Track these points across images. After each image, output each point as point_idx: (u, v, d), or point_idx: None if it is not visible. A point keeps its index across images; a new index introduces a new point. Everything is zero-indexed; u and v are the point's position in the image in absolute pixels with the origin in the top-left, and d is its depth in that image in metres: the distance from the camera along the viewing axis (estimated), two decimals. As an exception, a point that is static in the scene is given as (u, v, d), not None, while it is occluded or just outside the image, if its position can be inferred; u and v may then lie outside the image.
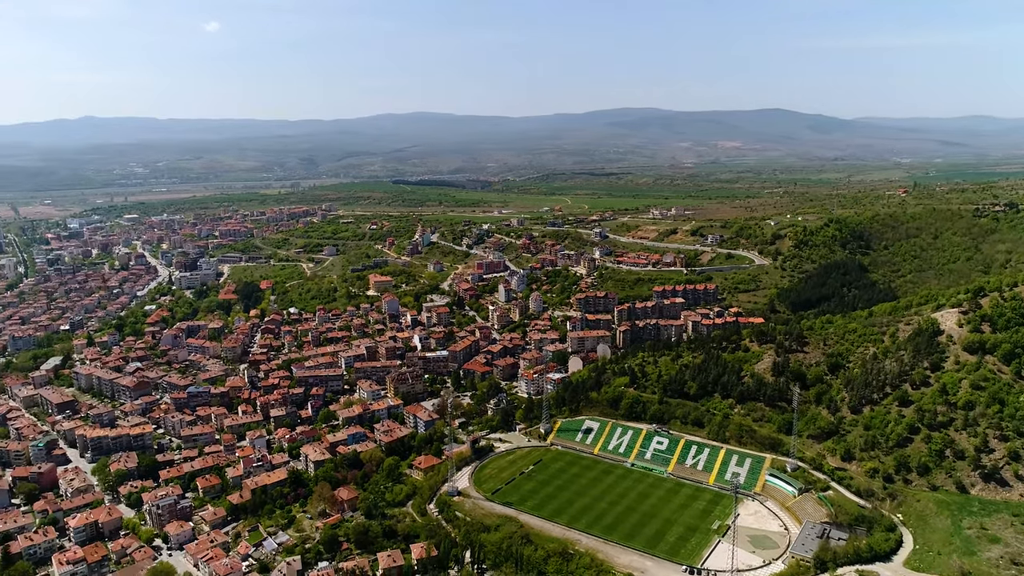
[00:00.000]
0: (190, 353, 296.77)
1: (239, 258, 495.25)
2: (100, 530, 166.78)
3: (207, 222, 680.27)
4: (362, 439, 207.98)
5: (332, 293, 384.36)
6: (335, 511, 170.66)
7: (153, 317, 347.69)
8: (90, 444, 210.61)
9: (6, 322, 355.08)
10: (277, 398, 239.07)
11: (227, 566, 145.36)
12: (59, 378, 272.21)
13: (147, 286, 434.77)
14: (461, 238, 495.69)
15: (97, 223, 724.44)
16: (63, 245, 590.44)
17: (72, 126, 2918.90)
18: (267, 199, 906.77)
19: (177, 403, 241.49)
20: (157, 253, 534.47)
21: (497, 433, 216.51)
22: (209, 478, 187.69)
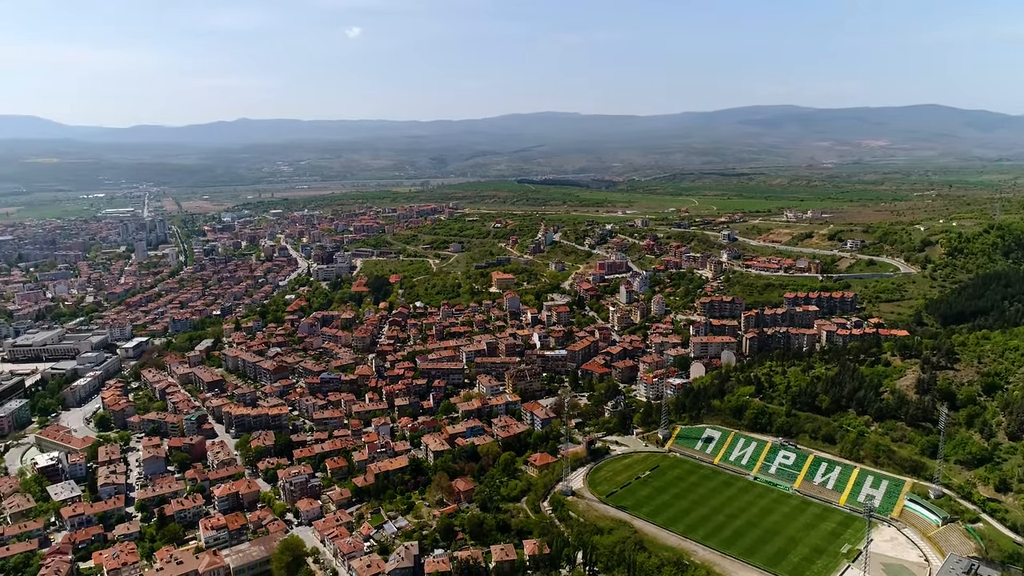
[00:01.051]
0: (324, 341, 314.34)
1: (371, 253, 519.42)
2: (240, 501, 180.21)
3: (343, 218, 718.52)
4: (480, 433, 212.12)
5: (456, 289, 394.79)
6: (452, 501, 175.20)
7: (292, 306, 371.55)
8: (234, 421, 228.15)
9: (167, 306, 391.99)
10: (401, 388, 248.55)
11: (350, 545, 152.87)
12: (210, 359, 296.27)
13: (288, 277, 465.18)
14: (584, 238, 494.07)
15: (247, 217, 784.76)
16: (217, 237, 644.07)
17: (229, 128, 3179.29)
18: (398, 197, 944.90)
19: (311, 387, 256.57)
20: (298, 246, 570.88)
21: (613, 436, 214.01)
22: (337, 460, 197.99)
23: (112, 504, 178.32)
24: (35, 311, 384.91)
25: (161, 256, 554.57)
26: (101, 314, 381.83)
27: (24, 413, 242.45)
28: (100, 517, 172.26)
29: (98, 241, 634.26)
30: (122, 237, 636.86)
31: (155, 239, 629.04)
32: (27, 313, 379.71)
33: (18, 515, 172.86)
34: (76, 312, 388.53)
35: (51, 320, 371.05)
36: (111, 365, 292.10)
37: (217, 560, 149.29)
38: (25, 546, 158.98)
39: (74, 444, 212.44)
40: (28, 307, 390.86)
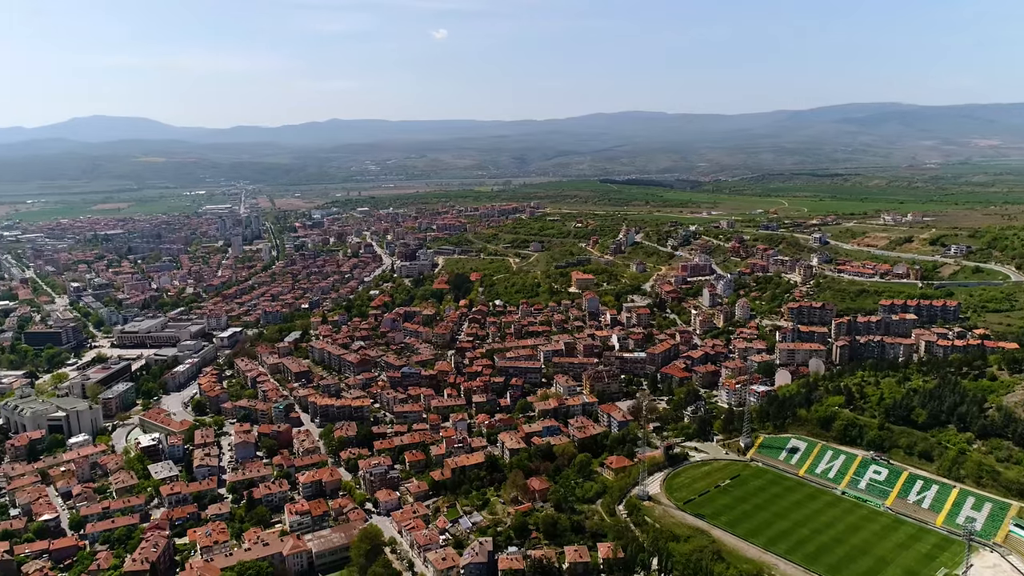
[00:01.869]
0: (406, 336, 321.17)
1: (452, 251, 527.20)
2: (323, 488, 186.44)
3: (426, 216, 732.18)
4: (556, 432, 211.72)
5: (535, 288, 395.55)
6: (526, 499, 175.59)
7: (376, 301, 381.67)
8: (319, 411, 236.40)
9: (260, 298, 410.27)
10: (479, 385, 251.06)
11: (426, 537, 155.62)
12: (298, 350, 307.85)
13: (373, 273, 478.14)
14: (666, 239, 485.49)
15: (335, 214, 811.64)
16: (307, 233, 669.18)
17: (321, 128, 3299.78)
18: (480, 196, 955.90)
19: (392, 381, 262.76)
20: (383, 243, 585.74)
21: (692, 442, 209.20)
22: (415, 453, 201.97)
23: (206, 485, 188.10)
24: (141, 300, 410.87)
25: (255, 251, 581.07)
26: (200, 305, 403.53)
27: (130, 395, 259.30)
28: (195, 496, 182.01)
29: (199, 236, 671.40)
30: (220, 232, 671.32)
31: (250, 235, 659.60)
32: (134, 302, 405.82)
33: (122, 490, 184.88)
34: (177, 302, 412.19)
35: (155, 309, 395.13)
36: (207, 353, 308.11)
37: (300, 544, 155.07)
38: (128, 520, 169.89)
39: (173, 427, 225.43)
40: (136, 296, 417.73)
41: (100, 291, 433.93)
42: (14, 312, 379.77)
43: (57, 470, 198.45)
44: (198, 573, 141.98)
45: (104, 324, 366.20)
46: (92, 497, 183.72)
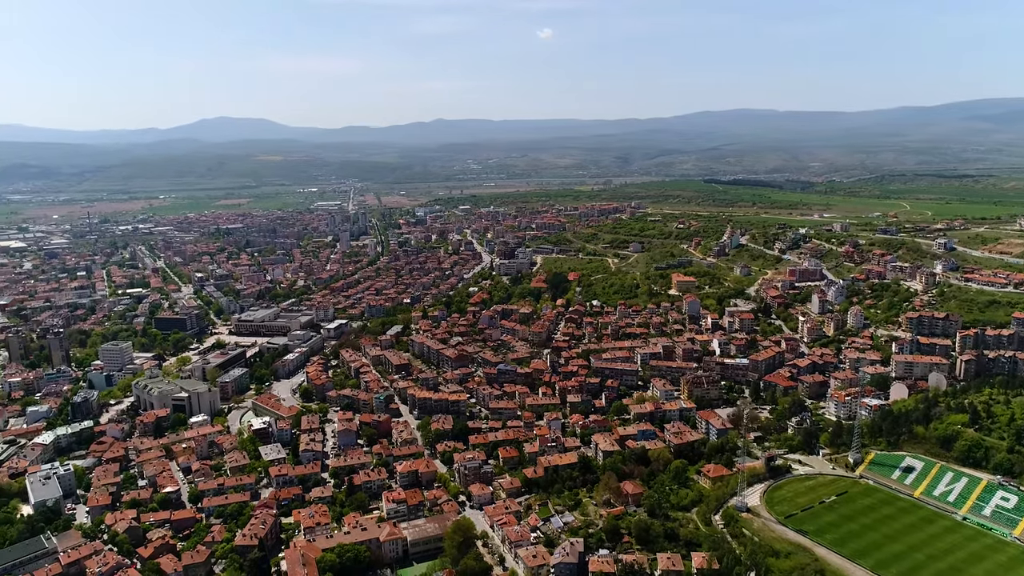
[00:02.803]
0: (502, 334, 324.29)
1: (551, 250, 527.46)
2: (419, 479, 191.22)
3: (526, 215, 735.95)
4: (651, 437, 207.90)
5: (634, 289, 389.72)
6: (619, 503, 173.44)
7: (475, 298, 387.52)
8: (417, 403, 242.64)
9: (365, 292, 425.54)
10: (574, 385, 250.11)
11: (518, 533, 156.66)
12: (399, 343, 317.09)
13: (472, 270, 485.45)
14: (773, 242, 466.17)
15: (438, 212, 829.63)
16: (411, 230, 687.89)
17: (427, 128, 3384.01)
18: (580, 195, 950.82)
19: (488, 378, 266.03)
20: (483, 241, 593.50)
21: (796, 454, 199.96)
22: (509, 450, 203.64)
23: (310, 469, 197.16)
24: (257, 291, 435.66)
25: (362, 246, 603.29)
26: (309, 297, 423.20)
27: (244, 380, 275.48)
28: (300, 479, 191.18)
29: (310, 231, 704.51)
30: (330, 228, 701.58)
31: (357, 231, 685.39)
32: (250, 292, 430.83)
33: (236, 469, 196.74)
34: (289, 294, 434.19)
35: (269, 300, 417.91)
36: (315, 343, 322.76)
37: (396, 531, 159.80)
38: (240, 497, 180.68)
39: (282, 411, 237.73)
40: (252, 287, 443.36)
41: (221, 281, 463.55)
42: (146, 299, 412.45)
43: (179, 446, 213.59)
44: (301, 552, 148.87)
45: (223, 312, 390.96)
46: (209, 473, 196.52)
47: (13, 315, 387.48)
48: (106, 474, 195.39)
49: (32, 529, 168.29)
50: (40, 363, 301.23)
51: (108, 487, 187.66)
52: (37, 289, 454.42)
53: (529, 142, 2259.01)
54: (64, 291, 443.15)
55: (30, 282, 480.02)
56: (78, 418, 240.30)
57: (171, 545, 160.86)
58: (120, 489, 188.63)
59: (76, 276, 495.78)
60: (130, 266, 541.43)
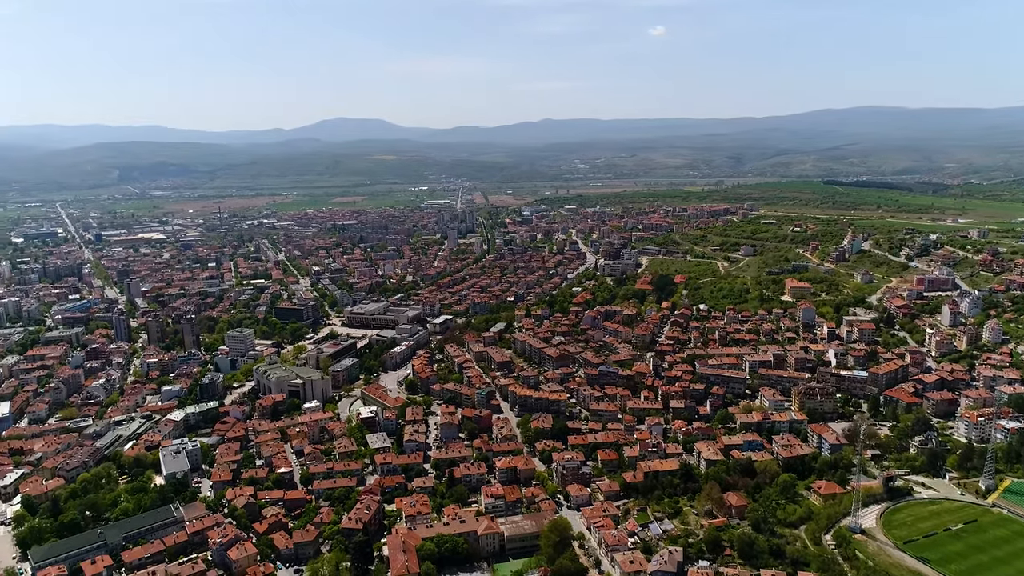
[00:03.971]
0: (605, 335, 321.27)
1: (657, 251, 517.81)
2: (517, 475, 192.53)
3: (632, 215, 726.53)
4: (758, 448, 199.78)
5: (744, 294, 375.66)
6: (721, 514, 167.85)
7: (578, 298, 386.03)
8: (518, 400, 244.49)
9: (470, 289, 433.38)
10: (678, 390, 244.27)
11: (615, 537, 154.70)
12: (502, 340, 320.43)
13: (576, 270, 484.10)
14: (899, 247, 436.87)
15: (543, 211, 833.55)
16: (516, 229, 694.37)
17: (534, 128, 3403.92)
18: (690, 196, 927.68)
19: (589, 378, 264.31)
20: (587, 241, 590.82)
21: (919, 476, 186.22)
22: (608, 452, 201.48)
23: (413, 459, 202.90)
24: (368, 285, 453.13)
25: (468, 244, 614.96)
26: (417, 292, 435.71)
27: (354, 370, 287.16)
28: (403, 468, 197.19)
29: (420, 228, 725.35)
30: (438, 226, 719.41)
31: (464, 228, 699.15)
32: (362, 286, 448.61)
33: (344, 455, 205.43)
34: (398, 288, 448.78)
35: (379, 294, 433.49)
36: (421, 337, 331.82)
37: (493, 526, 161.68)
38: (347, 482, 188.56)
39: (388, 402, 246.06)
40: (364, 281, 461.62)
41: (335, 275, 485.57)
42: (268, 290, 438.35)
43: (293, 430, 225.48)
44: (402, 539, 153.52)
45: (337, 305, 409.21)
46: (319, 457, 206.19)
47: (153, 301, 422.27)
48: (228, 452, 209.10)
49: (163, 498, 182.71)
50: (174, 346, 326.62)
51: (229, 464, 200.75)
52: (173, 278, 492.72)
53: (638, 141, 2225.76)
54: (196, 280, 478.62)
55: (168, 271, 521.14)
56: (205, 398, 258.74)
57: (283, 523, 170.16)
58: (240, 467, 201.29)
59: (207, 267, 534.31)
60: (254, 258, 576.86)
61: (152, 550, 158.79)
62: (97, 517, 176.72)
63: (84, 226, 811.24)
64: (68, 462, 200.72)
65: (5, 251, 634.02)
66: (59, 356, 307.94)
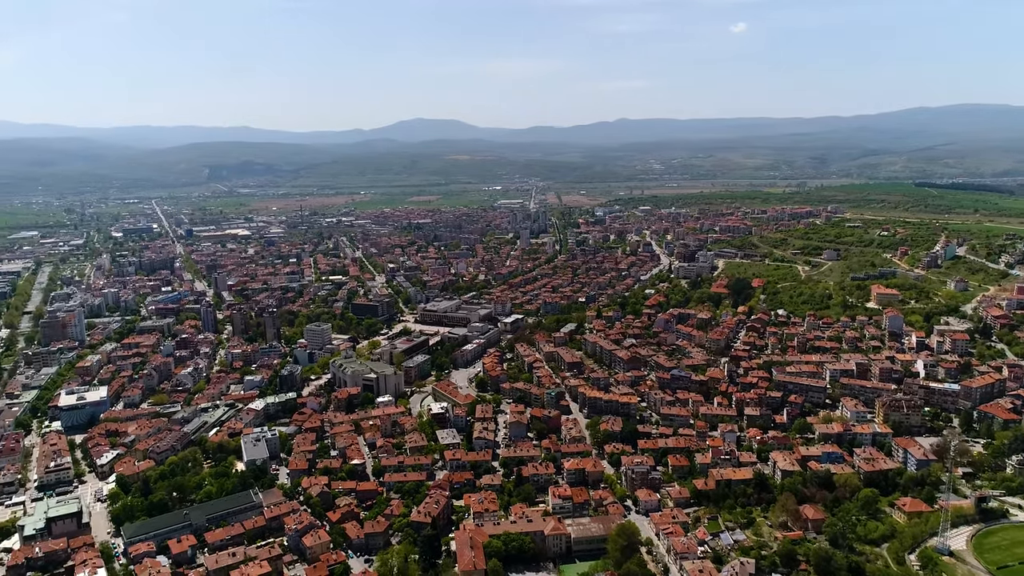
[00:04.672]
0: (678, 339, 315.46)
1: (734, 254, 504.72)
2: (585, 477, 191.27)
3: (709, 217, 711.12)
4: (838, 460, 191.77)
5: (826, 300, 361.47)
6: (797, 527, 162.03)
7: (651, 301, 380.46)
8: (587, 402, 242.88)
9: (541, 289, 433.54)
10: (753, 397, 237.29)
11: (684, 545, 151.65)
12: (572, 341, 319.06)
13: (649, 272, 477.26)
14: (999, 254, 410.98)
15: (617, 212, 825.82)
16: (589, 229, 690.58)
17: (609, 127, 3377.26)
18: (770, 197, 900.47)
19: (661, 382, 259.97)
20: (662, 243, 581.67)
21: (1015, 497, 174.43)
22: (679, 458, 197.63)
23: (482, 456, 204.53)
24: (441, 283, 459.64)
25: (541, 244, 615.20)
26: (489, 291, 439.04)
27: (426, 367, 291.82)
28: (472, 465, 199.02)
29: (492, 228, 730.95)
30: (511, 225, 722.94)
31: (537, 228, 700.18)
32: (435, 284, 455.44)
33: (415, 449, 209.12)
34: (471, 287, 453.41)
35: (452, 292, 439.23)
36: (492, 336, 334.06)
37: (560, 527, 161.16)
38: (417, 476, 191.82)
39: (459, 399, 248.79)
40: (437, 279, 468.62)
41: (409, 273, 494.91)
42: (345, 286, 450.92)
43: (367, 423, 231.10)
44: (470, 535, 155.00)
45: (410, 302, 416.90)
46: (391, 451, 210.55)
47: (238, 294, 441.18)
48: (304, 442, 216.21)
49: (244, 483, 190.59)
50: (256, 338, 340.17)
51: (305, 454, 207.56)
52: (257, 272, 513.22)
53: (716, 141, 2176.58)
54: (278, 275, 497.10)
55: (252, 266, 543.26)
56: (284, 389, 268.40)
57: (355, 513, 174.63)
58: (315, 456, 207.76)
59: (289, 262, 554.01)
60: (333, 255, 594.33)
61: (232, 532, 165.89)
62: (183, 498, 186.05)
63: (177, 222, 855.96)
64: (158, 445, 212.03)
65: (106, 245, 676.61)
66: (152, 345, 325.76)
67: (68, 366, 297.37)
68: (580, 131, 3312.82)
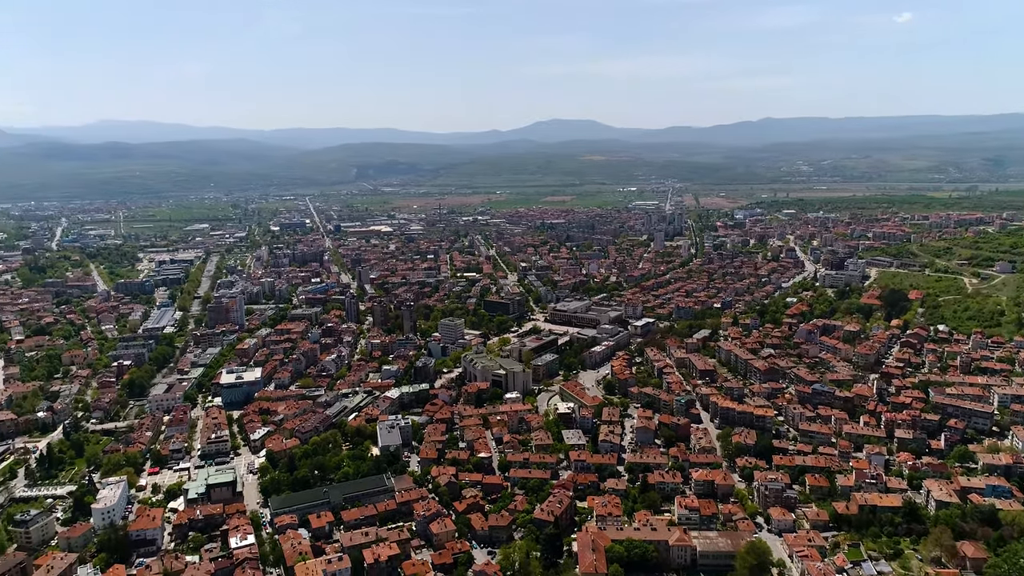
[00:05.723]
0: (821, 351, 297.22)
1: (889, 263, 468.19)
2: (714, 490, 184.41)
3: (861, 222, 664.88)
4: (1005, 495, 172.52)
5: (997, 316, 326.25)
6: (953, 564, 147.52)
7: (792, 309, 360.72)
8: (719, 412, 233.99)
9: (674, 293, 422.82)
10: (905, 418, 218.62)
11: (821, 571, 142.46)
12: (705, 348, 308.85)
13: (792, 279, 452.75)
14: None
15: (758, 215, 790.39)
16: (727, 233, 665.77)
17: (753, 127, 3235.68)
18: (933, 202, 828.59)
19: (800, 396, 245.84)
20: (807, 249, 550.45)
21: None
22: (818, 478, 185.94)
23: (607, 459, 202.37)
24: (572, 283, 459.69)
25: (675, 247, 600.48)
26: (620, 293, 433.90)
27: (554, 366, 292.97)
28: (596, 467, 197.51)
29: (626, 229, 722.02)
30: (645, 227, 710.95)
31: (672, 231, 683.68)
32: (566, 284, 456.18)
33: (540, 447, 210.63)
34: (601, 288, 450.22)
35: (582, 293, 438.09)
36: (622, 339, 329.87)
37: (686, 539, 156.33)
38: (541, 474, 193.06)
39: (585, 400, 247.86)
40: (568, 280, 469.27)
41: (541, 272, 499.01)
42: (479, 283, 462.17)
43: (494, 418, 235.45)
44: (592, 537, 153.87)
45: (541, 301, 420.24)
46: (517, 447, 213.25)
47: (379, 287, 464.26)
48: (435, 432, 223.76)
49: (378, 467, 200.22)
50: (394, 330, 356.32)
51: (435, 443, 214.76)
52: (397, 267, 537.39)
53: (872, 141, 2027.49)
54: (416, 271, 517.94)
55: (392, 261, 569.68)
56: (418, 380, 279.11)
57: (480, 505, 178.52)
58: (444, 447, 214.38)
59: (426, 259, 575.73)
60: (468, 253, 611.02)
61: (366, 513, 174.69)
62: (323, 477, 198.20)
63: (327, 218, 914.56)
64: (303, 425, 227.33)
65: (265, 238, 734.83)
66: (301, 332, 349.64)
67: (229, 348, 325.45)
68: (721, 131, 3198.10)
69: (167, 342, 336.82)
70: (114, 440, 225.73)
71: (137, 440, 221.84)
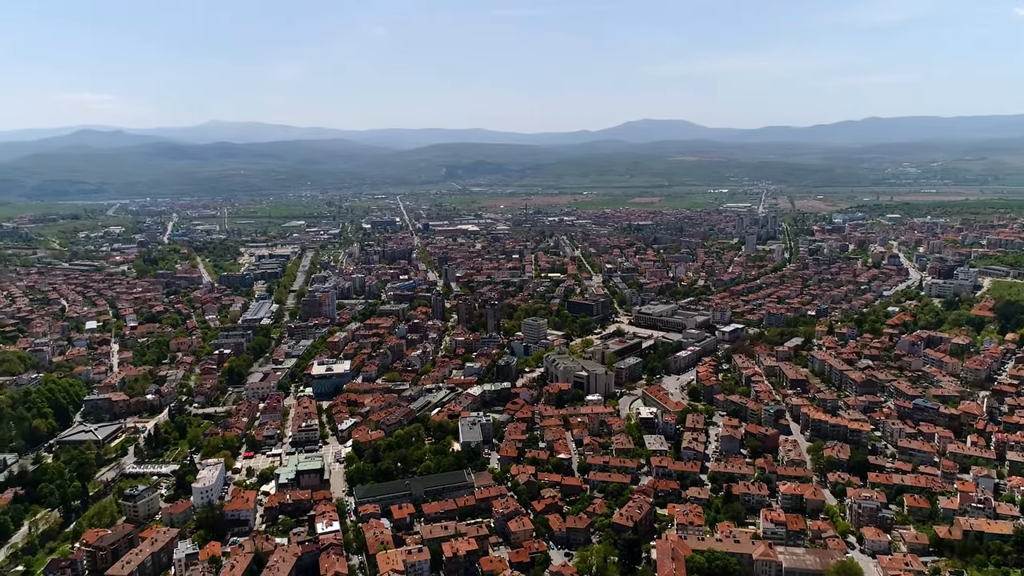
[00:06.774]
0: (925, 364, 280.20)
1: (1006, 272, 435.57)
2: (803, 505, 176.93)
3: (975, 228, 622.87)
4: None
5: None
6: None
7: (894, 319, 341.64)
8: (810, 424, 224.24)
9: (766, 299, 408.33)
10: (1019, 440, 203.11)
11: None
12: (797, 357, 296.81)
13: (894, 287, 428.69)
14: None
15: (859, 219, 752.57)
16: (824, 237, 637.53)
17: (856, 127, 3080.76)
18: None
19: (900, 411, 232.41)
20: (912, 255, 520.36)
21: None
22: (918, 499, 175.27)
23: (689, 467, 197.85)
24: (658, 286, 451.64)
25: (768, 251, 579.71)
26: (708, 297, 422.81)
27: (637, 369, 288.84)
28: (678, 475, 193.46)
29: (715, 232, 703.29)
30: (736, 230, 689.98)
31: (765, 234, 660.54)
32: (652, 287, 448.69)
33: (621, 451, 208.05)
34: (688, 292, 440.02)
35: (669, 296, 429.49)
36: (708, 344, 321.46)
37: (771, 554, 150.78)
38: (621, 478, 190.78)
39: (669, 405, 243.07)
40: (654, 282, 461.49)
41: (627, 274, 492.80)
42: (563, 283, 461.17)
43: (575, 419, 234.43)
44: (672, 546, 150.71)
45: (625, 303, 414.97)
46: (597, 450, 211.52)
47: (464, 286, 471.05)
48: (515, 430, 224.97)
49: (458, 463, 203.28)
50: (478, 328, 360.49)
51: (515, 442, 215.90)
52: (482, 266, 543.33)
53: (989, 142, 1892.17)
54: (501, 270, 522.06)
55: (478, 260, 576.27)
56: (500, 378, 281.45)
57: (559, 505, 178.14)
58: (524, 446, 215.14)
59: (511, 258, 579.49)
60: (552, 253, 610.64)
61: (446, 507, 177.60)
62: (406, 469, 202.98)
63: (416, 216, 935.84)
64: (388, 418, 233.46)
65: (357, 235, 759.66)
66: (389, 327, 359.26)
67: (321, 340, 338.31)
68: (820, 131, 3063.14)
69: (264, 333, 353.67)
70: (213, 424, 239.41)
71: (234, 425, 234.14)
